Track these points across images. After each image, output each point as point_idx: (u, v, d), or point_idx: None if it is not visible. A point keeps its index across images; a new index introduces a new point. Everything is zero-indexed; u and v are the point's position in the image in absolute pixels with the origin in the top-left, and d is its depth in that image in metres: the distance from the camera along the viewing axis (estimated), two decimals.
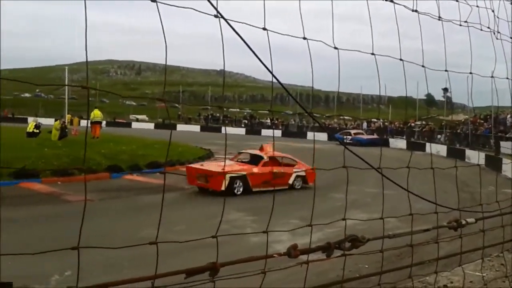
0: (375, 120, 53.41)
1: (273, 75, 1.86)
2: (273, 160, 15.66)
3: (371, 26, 2.36)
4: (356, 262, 6.54)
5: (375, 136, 44.24)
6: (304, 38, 1.99)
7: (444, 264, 2.76)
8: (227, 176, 13.17)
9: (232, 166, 14.99)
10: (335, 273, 5.85)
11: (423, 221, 2.44)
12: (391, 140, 42.81)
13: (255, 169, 14.49)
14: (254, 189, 14.01)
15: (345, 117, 58.80)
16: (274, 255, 1.78)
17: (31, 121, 27.69)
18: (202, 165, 15.69)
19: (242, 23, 1.71)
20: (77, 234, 1.58)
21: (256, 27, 1.81)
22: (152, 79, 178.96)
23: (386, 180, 2.23)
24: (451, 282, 3.41)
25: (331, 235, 2.17)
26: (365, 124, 53.82)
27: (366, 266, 6.50)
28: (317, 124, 58.67)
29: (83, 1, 1.28)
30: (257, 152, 16.24)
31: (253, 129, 61.51)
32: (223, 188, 13.31)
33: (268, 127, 63.52)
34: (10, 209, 10.28)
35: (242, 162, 16.06)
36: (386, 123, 48.68)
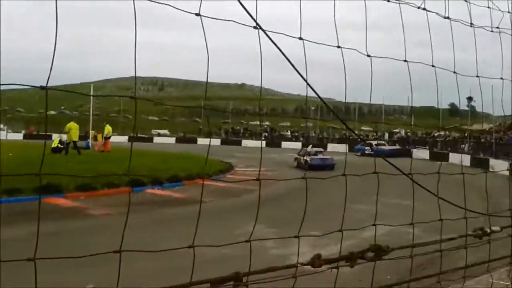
0: (396, 130, 52.88)
1: (309, 86, 1.88)
2: None
3: (403, 33, 2.36)
4: (376, 273, 6.46)
5: (397, 147, 43.73)
6: (338, 47, 2.02)
7: (468, 275, 2.72)
8: None
9: None
10: (356, 285, 5.78)
11: (447, 232, 2.41)
12: (413, 151, 42.23)
13: None
14: None
15: (367, 128, 58.33)
16: (298, 264, 1.78)
17: (56, 137, 28.34)
18: None
19: (279, 33, 1.73)
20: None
21: (293, 37, 1.83)
22: (174, 94, 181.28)
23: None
24: None
25: (351, 247, 2.16)
26: (386, 135, 53.32)
27: (388, 277, 6.40)
28: (336, 137, 58.39)
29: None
30: None
31: (273, 142, 61.55)
32: None
33: (288, 139, 63.50)
34: (34, 224, 10.46)
35: None
36: (409, 133, 48.09)
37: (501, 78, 2.92)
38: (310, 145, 34.08)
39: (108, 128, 31.10)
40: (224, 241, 1.88)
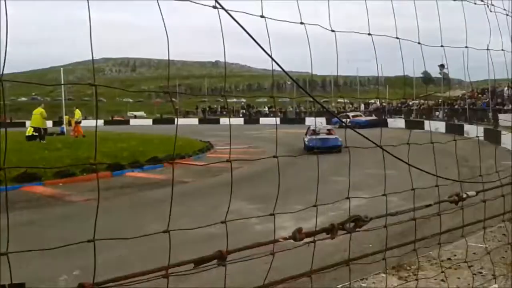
0: (372, 101, 53.36)
1: (274, 61, 1.88)
2: None
3: (366, 7, 2.36)
4: (360, 243, 6.60)
5: (373, 117, 44.22)
6: (301, 23, 2.01)
7: (445, 240, 2.81)
8: None
9: None
10: (339, 255, 5.91)
11: (425, 199, 2.47)
12: (389, 120, 42.85)
13: None
14: None
15: (344, 100, 58.66)
16: (280, 239, 1.81)
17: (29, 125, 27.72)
18: None
19: (241, 12, 1.73)
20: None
21: (254, 15, 1.82)
22: (147, 74, 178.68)
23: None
24: (454, 255, 3.47)
25: (334, 218, 2.20)
26: (362, 106, 53.81)
27: (370, 245, 6.56)
28: (314, 110, 58.65)
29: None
30: None
31: (251, 118, 61.54)
32: None
33: (266, 116, 63.53)
34: (16, 213, 10.32)
35: None
36: (384, 104, 48.62)
37: (466, 47, 2.96)
38: (320, 123, 28.11)
39: (77, 113, 30.41)
40: (208, 220, 1.89)
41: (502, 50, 3.33)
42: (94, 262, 1.38)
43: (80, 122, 30.29)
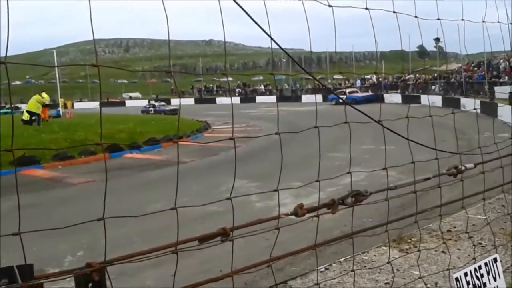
0: (368, 76, 53.06)
1: (274, 41, 1.87)
2: None
3: None
4: (360, 217, 6.68)
5: (370, 93, 44.11)
6: None
7: (445, 212, 2.84)
8: None
9: None
10: (339, 230, 5.99)
11: (423, 172, 2.49)
12: (386, 96, 42.72)
13: None
14: None
15: (339, 77, 58.33)
16: (282, 216, 1.83)
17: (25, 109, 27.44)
18: None
19: None
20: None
21: None
22: (141, 55, 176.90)
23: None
24: (454, 227, 3.52)
25: (333, 194, 2.22)
26: (358, 82, 53.54)
27: (371, 219, 6.64)
28: (310, 87, 58.43)
29: None
30: None
31: (247, 97, 61.31)
32: None
33: (262, 94, 63.26)
34: (16, 197, 10.35)
35: None
36: (380, 79, 48.39)
37: (462, 20, 2.95)
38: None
39: (46, 97, 27.33)
40: (209, 199, 1.91)
41: (498, 22, 3.31)
42: (105, 240, 1.40)
43: (47, 106, 28.29)
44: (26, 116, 23.89)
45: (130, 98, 75.89)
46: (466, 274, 2.44)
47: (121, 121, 24.53)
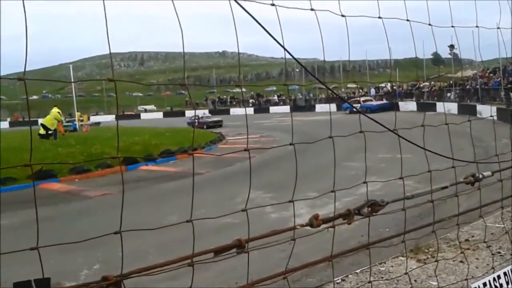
0: (382, 85, 52.74)
1: (287, 51, 1.87)
2: None
3: None
4: (376, 227, 6.60)
5: (384, 101, 43.82)
6: (312, 10, 1.99)
7: (463, 221, 2.79)
8: None
9: None
10: (356, 240, 5.92)
11: (440, 181, 2.46)
12: (401, 104, 42.38)
13: None
14: None
15: (353, 86, 58.12)
16: (297, 227, 1.82)
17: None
18: None
19: (251, 1, 1.72)
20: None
21: (264, 3, 1.81)
22: (155, 68, 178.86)
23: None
24: (472, 236, 3.46)
25: (349, 204, 2.20)
26: (373, 91, 53.26)
27: (387, 229, 6.56)
28: (323, 96, 58.32)
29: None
30: None
31: (261, 107, 61.44)
32: None
33: (276, 104, 63.36)
34: (34, 211, 10.47)
35: None
36: (395, 87, 48.08)
37: (476, 26, 2.92)
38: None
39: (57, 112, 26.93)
40: (225, 210, 1.91)
41: None
42: (121, 253, 1.40)
43: (62, 122, 28.45)
44: (42, 131, 24.25)
45: (145, 110, 76.57)
46: (484, 284, 2.39)
47: (137, 133, 24.75)
